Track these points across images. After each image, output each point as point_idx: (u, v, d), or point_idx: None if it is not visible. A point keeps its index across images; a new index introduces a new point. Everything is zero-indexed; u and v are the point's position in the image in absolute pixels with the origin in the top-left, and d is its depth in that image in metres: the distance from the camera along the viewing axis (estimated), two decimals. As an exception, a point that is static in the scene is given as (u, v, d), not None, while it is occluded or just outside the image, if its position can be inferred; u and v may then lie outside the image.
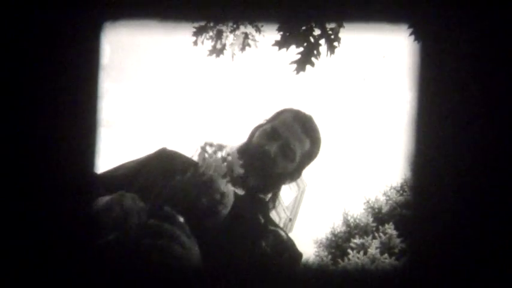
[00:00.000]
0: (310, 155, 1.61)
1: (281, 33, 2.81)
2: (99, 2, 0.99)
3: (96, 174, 1.11)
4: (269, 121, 1.62)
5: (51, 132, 0.97)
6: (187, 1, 1.05)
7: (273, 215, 1.61)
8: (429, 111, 0.99)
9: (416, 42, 1.00)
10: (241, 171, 1.35)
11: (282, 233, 1.49)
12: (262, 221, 1.48)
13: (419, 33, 1.05)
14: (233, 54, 3.47)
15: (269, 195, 1.59)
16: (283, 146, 1.53)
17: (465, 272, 0.99)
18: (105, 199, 1.17)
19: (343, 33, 2.89)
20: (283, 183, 1.62)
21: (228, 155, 1.29)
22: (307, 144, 1.58)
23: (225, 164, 1.27)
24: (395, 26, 1.04)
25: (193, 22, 3.10)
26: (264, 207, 1.56)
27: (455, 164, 0.99)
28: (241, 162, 1.36)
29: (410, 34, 1.16)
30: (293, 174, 1.61)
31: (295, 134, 1.56)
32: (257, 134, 1.59)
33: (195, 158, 1.32)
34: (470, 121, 0.99)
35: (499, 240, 0.98)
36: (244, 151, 1.52)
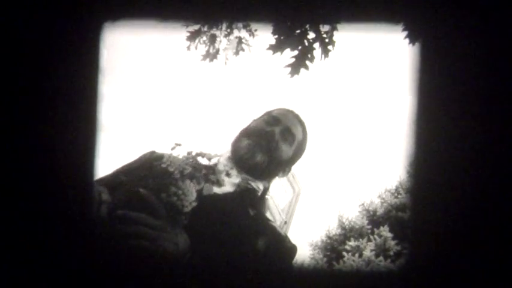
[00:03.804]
0: (301, 146, 1.68)
1: (275, 36, 2.81)
2: (99, 2, 0.99)
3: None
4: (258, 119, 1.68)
5: (51, 135, 0.97)
6: (186, 2, 1.05)
7: (268, 217, 1.61)
8: (428, 114, 0.99)
9: (411, 45, 1.01)
10: (230, 170, 1.48)
11: (275, 227, 1.50)
12: (252, 213, 1.49)
13: (414, 36, 1.05)
14: (226, 59, 3.47)
15: (261, 187, 1.60)
16: (284, 130, 1.61)
17: (462, 274, 0.99)
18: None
19: (340, 36, 2.90)
20: (277, 173, 1.65)
21: (200, 155, 1.37)
22: (301, 133, 1.66)
23: (190, 162, 1.34)
24: (391, 28, 1.05)
25: (189, 25, 3.11)
26: (255, 199, 1.56)
27: (454, 165, 0.99)
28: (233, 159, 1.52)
29: (405, 37, 1.17)
30: (286, 165, 1.65)
31: (292, 121, 1.65)
32: (253, 124, 1.65)
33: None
34: (469, 123, 0.99)
35: (498, 242, 0.98)
36: (244, 136, 1.59)
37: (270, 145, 1.56)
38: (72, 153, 0.96)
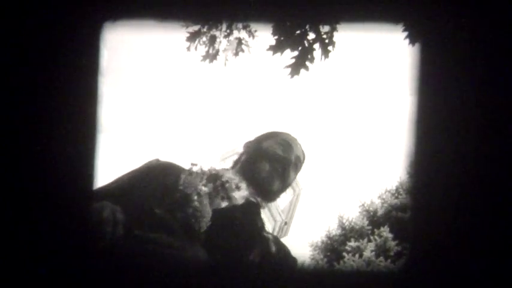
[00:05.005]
0: (297, 173, 1.70)
1: (275, 37, 2.81)
2: (99, 2, 1.00)
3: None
4: (257, 142, 1.68)
5: (50, 135, 0.97)
6: (186, 2, 1.06)
7: (269, 218, 1.63)
8: (428, 114, 0.99)
9: (411, 45, 1.01)
10: (239, 183, 1.50)
11: (277, 239, 1.53)
12: (260, 224, 1.51)
13: (415, 36, 1.05)
14: (226, 60, 3.47)
15: (262, 203, 1.62)
16: (296, 158, 1.64)
17: (462, 274, 0.99)
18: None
19: (340, 36, 2.89)
20: (276, 199, 1.68)
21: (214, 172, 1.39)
22: (302, 163, 1.70)
23: (205, 182, 1.37)
24: (391, 28, 1.05)
25: (189, 25, 3.11)
26: (259, 212, 1.58)
27: (454, 166, 0.99)
28: (239, 177, 1.52)
29: (406, 37, 1.17)
30: (283, 191, 1.68)
31: (299, 149, 1.68)
32: (267, 144, 1.65)
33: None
34: (469, 123, 0.99)
35: (498, 242, 0.98)
36: (263, 158, 1.59)
37: (285, 172, 1.60)
38: (72, 153, 0.96)
